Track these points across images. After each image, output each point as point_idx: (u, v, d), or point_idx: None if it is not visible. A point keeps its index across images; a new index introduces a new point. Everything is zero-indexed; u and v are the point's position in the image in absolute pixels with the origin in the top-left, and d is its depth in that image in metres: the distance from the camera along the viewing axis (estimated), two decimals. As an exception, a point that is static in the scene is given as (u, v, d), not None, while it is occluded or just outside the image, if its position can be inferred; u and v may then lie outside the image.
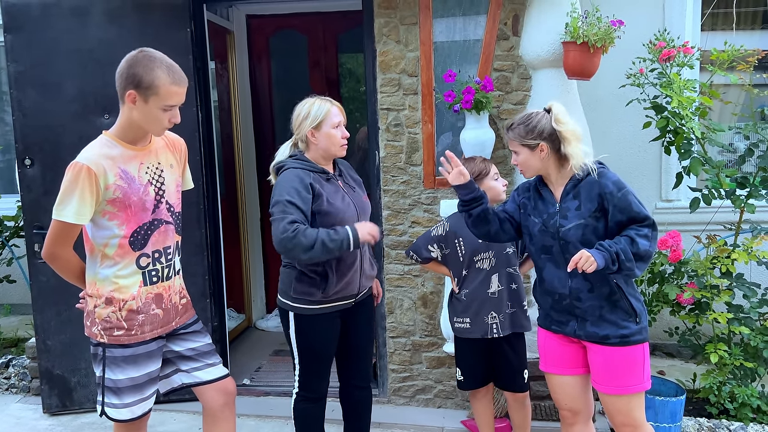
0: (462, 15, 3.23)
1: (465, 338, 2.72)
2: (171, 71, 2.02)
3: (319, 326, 2.50)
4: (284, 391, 3.60)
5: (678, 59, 3.05)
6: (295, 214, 2.30)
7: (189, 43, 3.35)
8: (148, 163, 2.15)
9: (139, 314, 2.13)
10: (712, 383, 3.21)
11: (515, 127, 2.24)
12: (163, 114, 2.04)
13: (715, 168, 3.18)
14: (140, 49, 2.05)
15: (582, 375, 2.34)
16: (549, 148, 2.20)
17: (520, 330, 2.71)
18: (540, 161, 2.23)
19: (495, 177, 2.70)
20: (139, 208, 2.10)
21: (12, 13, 3.27)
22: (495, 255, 2.65)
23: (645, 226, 2.12)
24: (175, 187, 2.25)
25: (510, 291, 2.67)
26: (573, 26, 2.84)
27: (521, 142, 2.22)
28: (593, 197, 2.16)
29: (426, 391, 3.47)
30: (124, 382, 2.13)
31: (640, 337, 2.20)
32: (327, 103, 2.46)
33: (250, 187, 4.83)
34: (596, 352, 2.23)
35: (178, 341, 2.28)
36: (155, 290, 2.17)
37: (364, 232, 2.35)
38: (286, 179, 2.40)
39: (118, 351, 2.12)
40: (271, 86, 4.91)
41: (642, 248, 2.09)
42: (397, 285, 3.42)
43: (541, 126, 2.19)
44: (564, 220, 2.21)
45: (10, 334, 4.58)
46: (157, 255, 2.17)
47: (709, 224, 3.55)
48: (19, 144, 3.36)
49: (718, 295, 3.15)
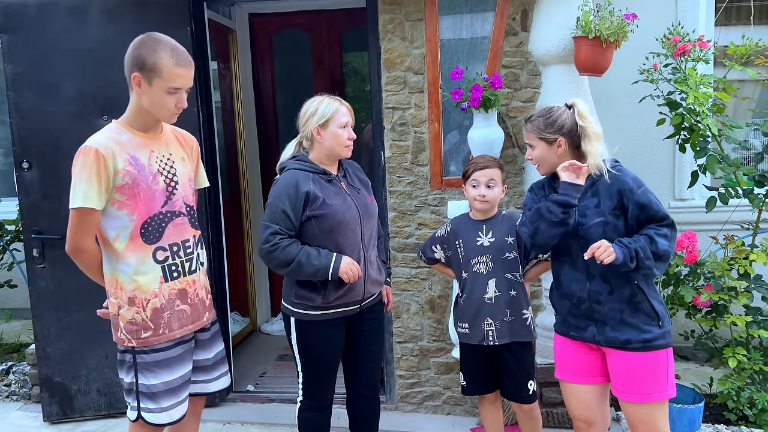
0: (469, 10, 3.14)
1: (466, 343, 2.64)
2: (175, 53, 1.99)
3: (321, 333, 2.41)
4: (289, 398, 3.52)
5: (693, 54, 2.95)
6: (280, 224, 2.28)
7: (189, 42, 3.26)
8: (159, 152, 2.11)
9: (164, 312, 2.08)
10: (730, 388, 3.11)
11: (534, 119, 2.17)
12: (169, 97, 2.01)
13: (732, 166, 3.07)
14: (148, 33, 2.04)
15: (599, 384, 2.24)
16: (567, 144, 2.13)
17: (521, 339, 2.61)
18: (557, 157, 2.15)
19: (473, 183, 2.58)
20: (148, 196, 2.04)
21: (8, 13, 3.20)
22: (492, 259, 2.56)
23: (664, 226, 2.06)
24: (188, 180, 2.21)
25: (509, 298, 2.57)
26: (585, 20, 2.75)
27: (539, 135, 2.15)
28: (612, 194, 2.10)
29: (434, 398, 3.38)
30: (159, 387, 2.10)
31: (664, 342, 2.11)
32: (336, 102, 2.39)
33: (254, 188, 4.76)
34: (617, 359, 2.14)
35: (201, 350, 2.26)
36: (178, 285, 2.12)
37: (345, 265, 2.31)
38: (283, 183, 2.34)
39: (149, 356, 2.08)
40: (274, 86, 4.84)
41: (661, 247, 2.03)
42: (404, 288, 3.33)
43: (561, 120, 2.13)
44: (583, 218, 2.13)
45: (12, 339, 4.53)
46: (175, 248, 2.11)
47: (726, 224, 3.45)
48: (16, 147, 3.29)
49: (736, 297, 3.06)
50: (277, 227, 2.28)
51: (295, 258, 2.27)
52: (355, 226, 2.39)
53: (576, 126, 2.13)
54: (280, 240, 2.28)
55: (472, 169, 2.59)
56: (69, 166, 3.27)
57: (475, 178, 2.57)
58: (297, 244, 2.31)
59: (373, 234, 2.52)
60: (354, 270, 2.32)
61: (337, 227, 2.34)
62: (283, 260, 2.28)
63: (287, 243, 2.29)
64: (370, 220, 2.48)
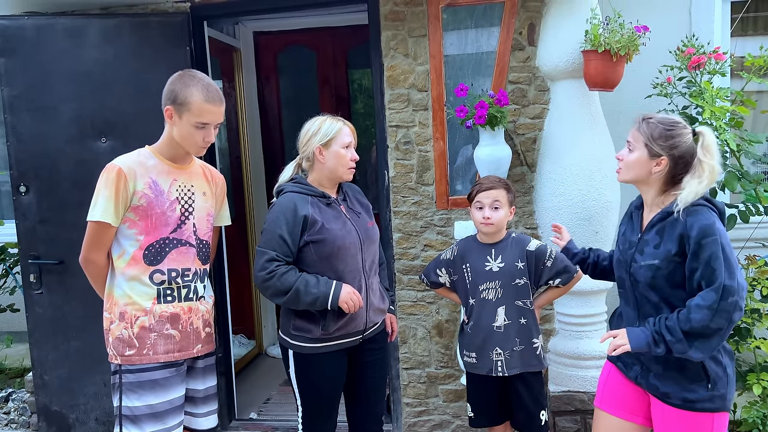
0: (474, 25, 3.05)
1: (474, 373, 2.51)
2: (207, 90, 2.08)
3: (321, 366, 2.29)
4: (293, 426, 3.40)
5: (709, 66, 2.83)
6: (278, 250, 2.19)
7: (188, 61, 3.20)
8: (181, 181, 2.17)
9: (152, 332, 2.10)
10: (755, 417, 2.94)
11: (654, 123, 1.92)
12: (197, 131, 2.09)
13: (753, 183, 2.93)
14: (186, 69, 2.16)
15: (637, 425, 2.06)
16: (668, 166, 1.90)
17: (531, 369, 2.47)
18: (647, 172, 1.93)
19: (478, 205, 2.46)
20: (160, 222, 2.10)
21: (5, 35, 3.16)
22: (502, 286, 2.44)
23: (712, 292, 1.77)
24: (206, 214, 2.24)
25: (519, 326, 2.44)
26: (594, 33, 2.64)
27: (647, 141, 1.91)
28: (674, 238, 1.86)
29: (443, 427, 3.25)
30: (142, 410, 2.07)
31: (711, 406, 1.87)
32: (339, 122, 2.31)
33: (260, 208, 4.68)
34: (656, 407, 1.97)
35: (194, 380, 2.24)
36: (171, 309, 2.13)
37: (345, 294, 2.20)
38: (279, 207, 2.26)
39: (133, 376, 2.09)
40: (279, 104, 4.78)
41: (697, 324, 1.76)
42: (410, 313, 3.21)
43: (680, 141, 1.88)
44: (639, 255, 1.94)
45: (16, 363, 4.46)
46: (174, 274, 2.14)
47: (747, 241, 3.30)
48: (14, 170, 3.24)
49: (760, 320, 2.92)
50: (273, 254, 2.19)
51: (292, 286, 2.17)
52: (355, 251, 2.29)
53: (688, 155, 1.88)
54: (277, 267, 2.18)
55: (476, 191, 2.47)
56: (67, 190, 3.23)
57: (480, 199, 2.45)
58: (295, 271, 2.21)
59: (375, 260, 2.42)
60: (355, 299, 2.22)
61: (336, 253, 2.24)
62: (280, 288, 2.18)
63: (284, 270, 2.19)
64: (372, 246, 2.38)
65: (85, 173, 2.03)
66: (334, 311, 2.22)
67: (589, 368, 2.92)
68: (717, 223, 1.83)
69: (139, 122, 3.04)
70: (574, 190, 2.84)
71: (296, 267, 2.24)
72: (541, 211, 2.98)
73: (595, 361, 2.92)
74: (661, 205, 1.95)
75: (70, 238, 2.95)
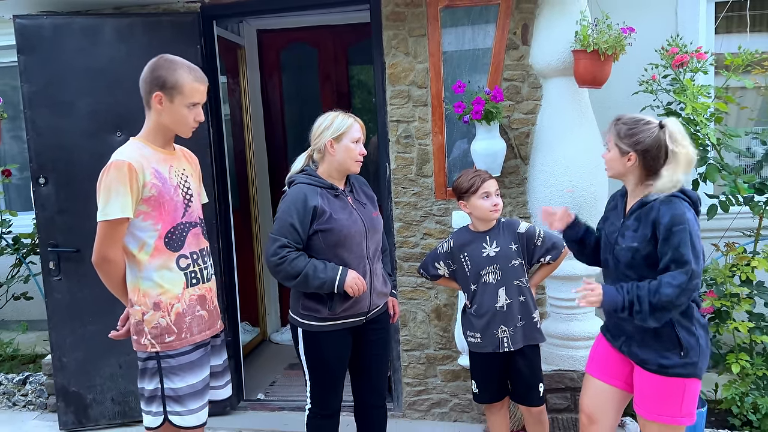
0: (471, 25, 3.21)
1: (478, 352, 2.69)
2: (192, 70, 2.14)
3: (327, 343, 2.48)
4: (299, 406, 3.58)
5: (691, 65, 3.01)
6: (288, 237, 2.36)
7: (199, 59, 3.36)
8: (177, 166, 2.23)
9: (186, 316, 2.18)
10: (734, 394, 3.13)
11: (619, 124, 2.14)
12: (189, 112, 2.14)
13: (732, 174, 3.11)
14: (160, 55, 2.17)
15: (617, 389, 2.29)
16: (637, 160, 2.10)
17: (533, 342, 2.67)
18: (623, 167, 2.15)
19: (484, 195, 2.60)
20: (171, 207, 2.15)
21: (25, 34, 3.31)
22: (500, 268, 2.62)
23: (682, 273, 1.98)
24: (197, 195, 2.32)
25: (519, 304, 2.63)
26: (583, 34, 2.81)
27: (615, 141, 2.14)
28: (649, 223, 2.07)
29: (441, 405, 3.43)
30: (185, 390, 2.17)
31: (683, 371, 2.09)
32: (350, 118, 2.48)
33: (263, 199, 4.84)
34: (636, 373, 2.20)
35: (214, 356, 2.34)
36: (198, 291, 2.22)
37: (351, 279, 2.37)
38: (291, 196, 2.42)
39: (174, 360, 2.16)
40: (282, 99, 4.93)
41: (664, 298, 1.98)
42: (410, 297, 3.39)
43: (642, 137, 2.08)
44: (621, 239, 2.15)
45: (29, 350, 4.62)
46: (195, 256, 2.22)
47: (727, 231, 3.49)
48: (33, 163, 3.39)
49: (739, 303, 3.09)
50: (285, 240, 2.36)
51: (302, 271, 2.34)
52: (360, 239, 2.46)
53: (653, 148, 2.06)
54: (288, 253, 2.35)
55: (479, 182, 2.60)
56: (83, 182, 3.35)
57: (486, 189, 2.60)
58: (304, 257, 2.38)
59: (378, 247, 2.58)
60: (359, 284, 2.39)
61: (342, 241, 2.41)
62: (290, 273, 2.36)
63: (295, 256, 2.36)
64: (376, 234, 2.55)
65: (101, 166, 2.08)
66: (340, 294, 2.40)
67: (578, 348, 3.11)
68: (688, 213, 2.03)
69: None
70: (564, 181, 3.01)
71: (306, 253, 2.40)
72: (534, 201, 3.16)
73: (584, 341, 3.10)
74: (640, 195, 2.15)
75: (86, 228, 3.05)
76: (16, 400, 3.87)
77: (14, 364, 4.41)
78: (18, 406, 3.85)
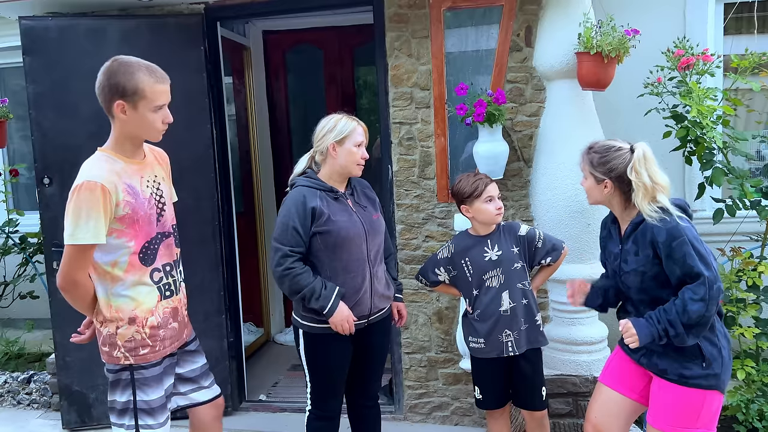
0: (474, 27, 3.20)
1: (482, 357, 2.67)
2: (151, 71, 2.01)
3: (328, 345, 2.47)
4: (301, 407, 3.53)
5: (697, 67, 2.97)
6: (291, 243, 2.36)
7: (203, 61, 3.38)
8: (147, 176, 2.15)
9: (160, 329, 2.13)
10: (739, 401, 3.10)
11: (590, 153, 2.16)
12: (155, 116, 2.03)
13: (738, 178, 3.08)
14: (113, 58, 2.04)
15: (630, 400, 2.27)
16: (614, 186, 2.11)
17: (537, 345, 2.65)
18: (601, 195, 2.17)
19: (487, 199, 2.56)
20: (145, 222, 2.08)
21: (30, 35, 3.33)
22: (503, 272, 2.59)
23: (700, 285, 1.96)
24: (169, 199, 2.26)
25: (522, 307, 2.60)
26: (586, 36, 2.79)
27: (589, 170, 2.16)
28: (647, 244, 2.05)
29: (443, 408, 3.42)
30: (157, 402, 2.13)
31: (704, 383, 2.06)
32: (354, 121, 2.47)
33: (268, 201, 4.85)
34: (655, 384, 2.17)
35: (183, 362, 2.29)
36: (171, 304, 2.19)
37: (338, 319, 2.38)
38: (291, 200, 2.43)
39: (147, 371, 2.11)
40: (287, 100, 4.94)
41: (694, 316, 1.95)
42: (412, 300, 3.38)
43: (614, 164, 2.10)
44: (624, 264, 2.14)
45: (35, 348, 4.66)
46: (168, 268, 2.18)
47: (734, 235, 3.44)
48: (38, 163, 3.41)
49: (745, 309, 3.06)
50: (287, 249, 2.36)
51: (302, 290, 2.37)
52: (360, 242, 2.45)
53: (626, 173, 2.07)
54: (293, 264, 2.35)
55: (482, 186, 2.57)
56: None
57: (490, 192, 2.58)
58: (308, 274, 2.38)
59: (380, 250, 2.57)
60: (345, 327, 2.40)
61: (341, 243, 2.40)
62: (292, 288, 2.38)
63: (299, 271, 2.36)
64: (377, 237, 2.54)
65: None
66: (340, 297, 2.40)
67: (580, 353, 3.08)
68: (680, 224, 2.01)
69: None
70: (567, 185, 2.99)
71: (310, 269, 2.40)
72: (537, 204, 3.14)
73: (587, 346, 3.08)
74: (629, 217, 2.14)
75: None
76: (20, 399, 3.90)
77: (20, 363, 4.45)
78: (22, 404, 3.88)
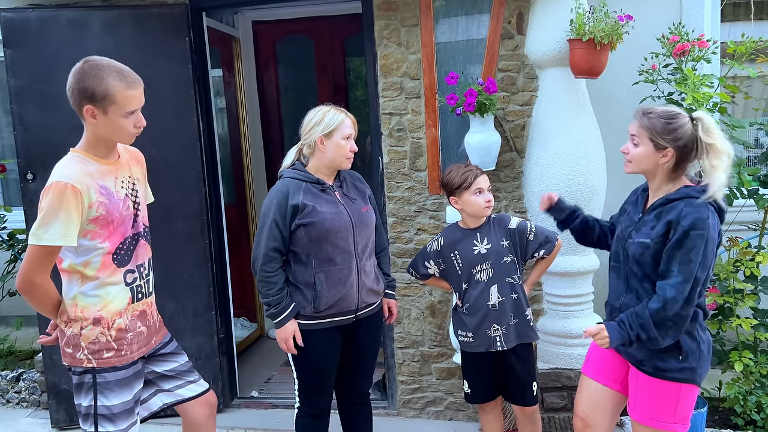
0: (464, 14, 3.12)
1: (470, 352, 2.62)
2: (122, 76, 1.93)
3: (316, 341, 2.42)
4: (293, 404, 3.52)
5: (693, 54, 2.90)
6: (270, 240, 2.35)
7: (188, 51, 3.30)
8: (122, 176, 2.09)
9: (128, 332, 2.06)
10: (737, 393, 3.05)
11: (654, 117, 2.01)
12: (127, 120, 1.97)
13: (736, 166, 3.01)
14: (85, 59, 1.96)
15: (614, 391, 2.22)
16: (673, 156, 2.00)
17: (527, 340, 2.60)
18: (655, 164, 2.03)
19: (477, 191, 2.51)
20: (119, 223, 2.03)
21: (11, 28, 3.25)
22: (492, 266, 2.54)
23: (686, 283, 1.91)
24: (144, 200, 2.21)
25: (512, 301, 2.55)
26: (578, 23, 2.72)
27: (650, 136, 2.00)
28: (665, 221, 1.98)
29: (436, 403, 3.37)
30: (119, 407, 2.05)
31: (680, 376, 2.02)
32: (342, 114, 2.40)
33: (260, 193, 4.78)
34: (632, 374, 2.13)
35: (158, 362, 2.23)
36: (141, 307, 2.12)
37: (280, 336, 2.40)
38: (274, 192, 2.38)
39: (110, 375, 2.03)
40: (278, 92, 4.87)
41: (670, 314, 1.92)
42: (404, 294, 3.32)
43: (682, 132, 1.98)
44: (635, 233, 2.07)
45: (26, 346, 4.60)
46: (141, 270, 2.13)
47: (732, 224, 3.38)
48: (21, 159, 3.35)
49: (742, 299, 3.01)
50: (265, 249, 2.34)
51: (267, 293, 2.37)
52: (346, 234, 2.39)
53: (690, 143, 1.98)
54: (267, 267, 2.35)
55: (472, 177, 2.51)
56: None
57: (480, 184, 2.52)
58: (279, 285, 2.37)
59: (369, 244, 2.51)
60: (283, 347, 2.42)
61: (325, 235, 2.35)
62: (262, 289, 2.40)
63: (273, 280, 2.36)
64: (365, 230, 2.47)
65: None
66: (324, 289, 2.36)
67: (575, 346, 3.03)
68: (710, 219, 1.93)
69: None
70: (561, 175, 2.93)
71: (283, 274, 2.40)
72: (530, 195, 3.08)
73: (582, 339, 3.02)
74: (664, 192, 2.05)
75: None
76: (9, 397, 3.85)
77: (10, 360, 4.39)
78: (11, 403, 3.83)
